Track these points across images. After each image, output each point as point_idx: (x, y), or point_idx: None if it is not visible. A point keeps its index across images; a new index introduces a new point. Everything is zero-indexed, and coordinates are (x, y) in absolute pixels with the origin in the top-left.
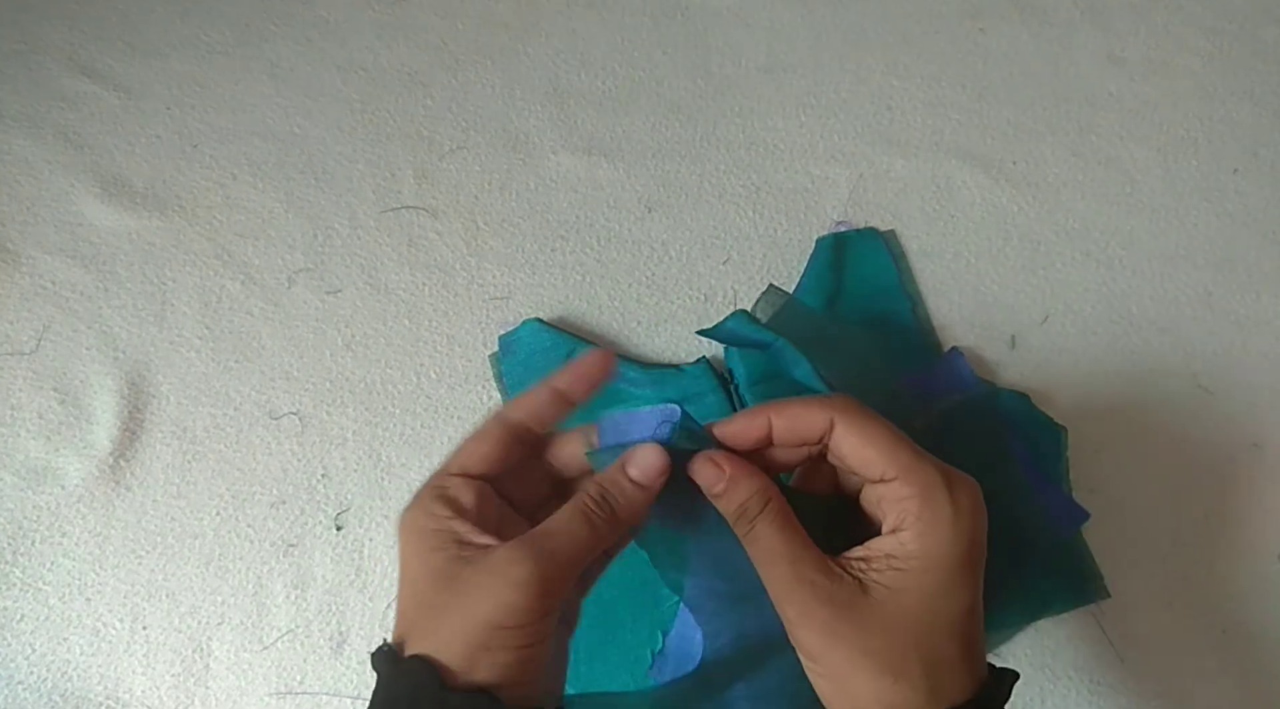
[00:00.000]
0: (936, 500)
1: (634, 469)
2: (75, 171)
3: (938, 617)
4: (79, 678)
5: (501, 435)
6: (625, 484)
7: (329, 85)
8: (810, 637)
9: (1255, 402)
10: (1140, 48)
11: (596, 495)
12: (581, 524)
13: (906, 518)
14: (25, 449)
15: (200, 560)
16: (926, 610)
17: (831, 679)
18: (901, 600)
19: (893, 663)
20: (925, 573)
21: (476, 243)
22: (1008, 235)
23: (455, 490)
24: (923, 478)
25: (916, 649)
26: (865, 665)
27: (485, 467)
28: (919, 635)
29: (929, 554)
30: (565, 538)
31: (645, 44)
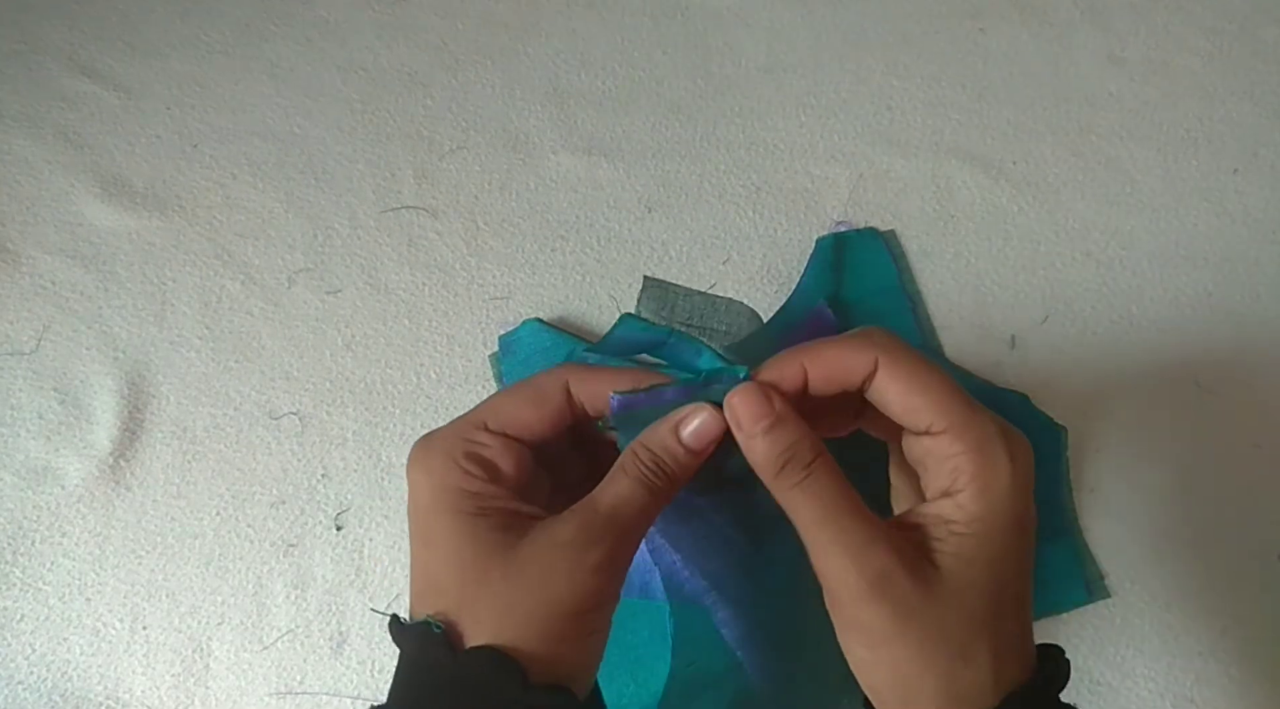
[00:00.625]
0: (994, 457)
1: (687, 432)
2: (75, 171)
3: (1005, 588)
4: (79, 678)
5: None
6: (677, 449)
7: (329, 85)
8: (875, 615)
9: (1255, 402)
10: (1140, 48)
11: (650, 462)
12: (644, 493)
13: (960, 477)
14: (25, 449)
15: (200, 560)
16: (993, 582)
17: (891, 666)
18: (970, 572)
19: (965, 644)
20: (989, 539)
21: (476, 243)
22: (1008, 235)
23: (494, 453)
24: (978, 432)
25: (986, 627)
26: (938, 649)
27: (528, 434)
28: (989, 611)
29: (990, 517)
30: (631, 510)
31: (645, 44)
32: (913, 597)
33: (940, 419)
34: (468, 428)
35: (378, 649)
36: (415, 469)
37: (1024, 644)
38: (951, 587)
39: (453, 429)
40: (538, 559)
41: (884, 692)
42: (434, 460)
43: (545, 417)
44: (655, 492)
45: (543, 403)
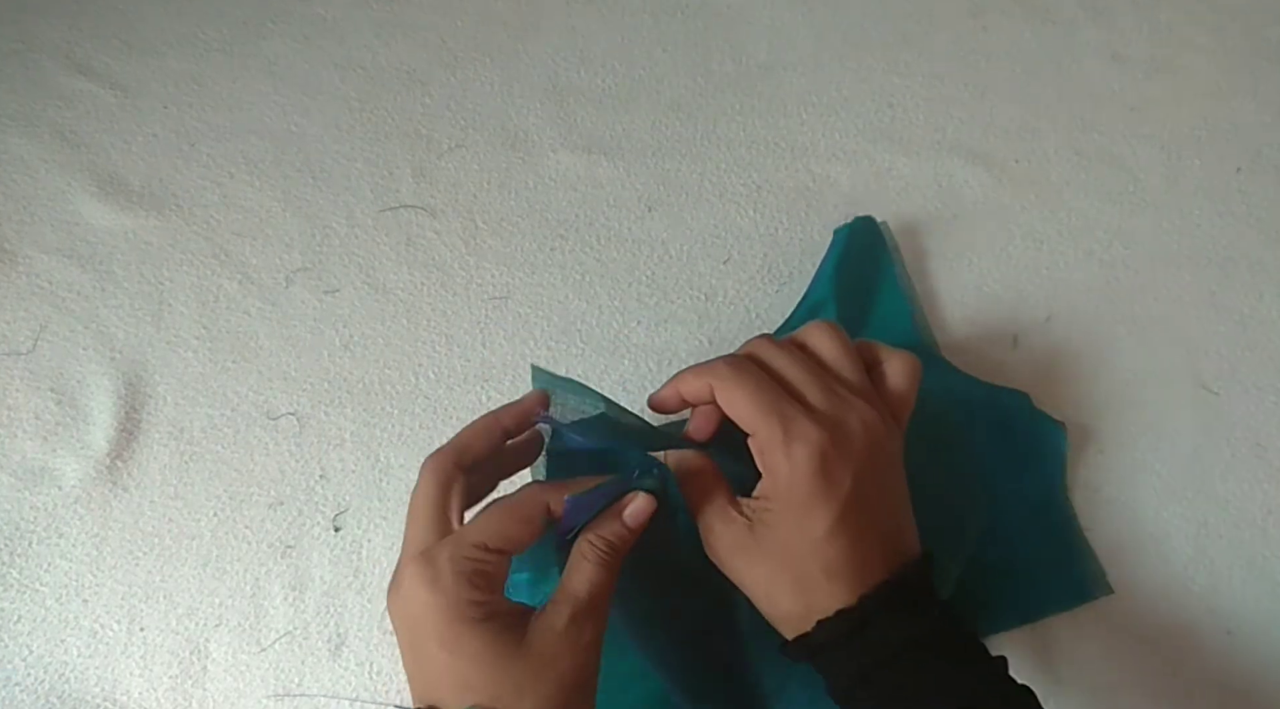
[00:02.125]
0: (775, 456)
1: (627, 514)
2: (72, 170)
3: (796, 545)
4: (76, 680)
5: (541, 525)
6: (623, 530)
7: (327, 83)
8: (723, 569)
9: (1259, 402)
10: (1143, 46)
11: (604, 546)
12: (606, 573)
13: (764, 468)
14: (22, 450)
15: (198, 562)
16: (786, 541)
17: (757, 596)
18: (772, 534)
19: (773, 584)
20: (780, 511)
21: (475, 242)
22: (1010, 234)
23: (493, 568)
24: (766, 435)
25: (786, 572)
26: (757, 588)
27: (513, 549)
28: (786, 561)
29: (777, 496)
30: (601, 590)
31: (645, 42)
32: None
33: (747, 427)
34: (469, 548)
35: (376, 651)
36: (420, 588)
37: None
38: (761, 546)
39: (455, 550)
40: (545, 648)
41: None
42: (444, 579)
43: (533, 532)
44: (611, 568)
45: (531, 521)
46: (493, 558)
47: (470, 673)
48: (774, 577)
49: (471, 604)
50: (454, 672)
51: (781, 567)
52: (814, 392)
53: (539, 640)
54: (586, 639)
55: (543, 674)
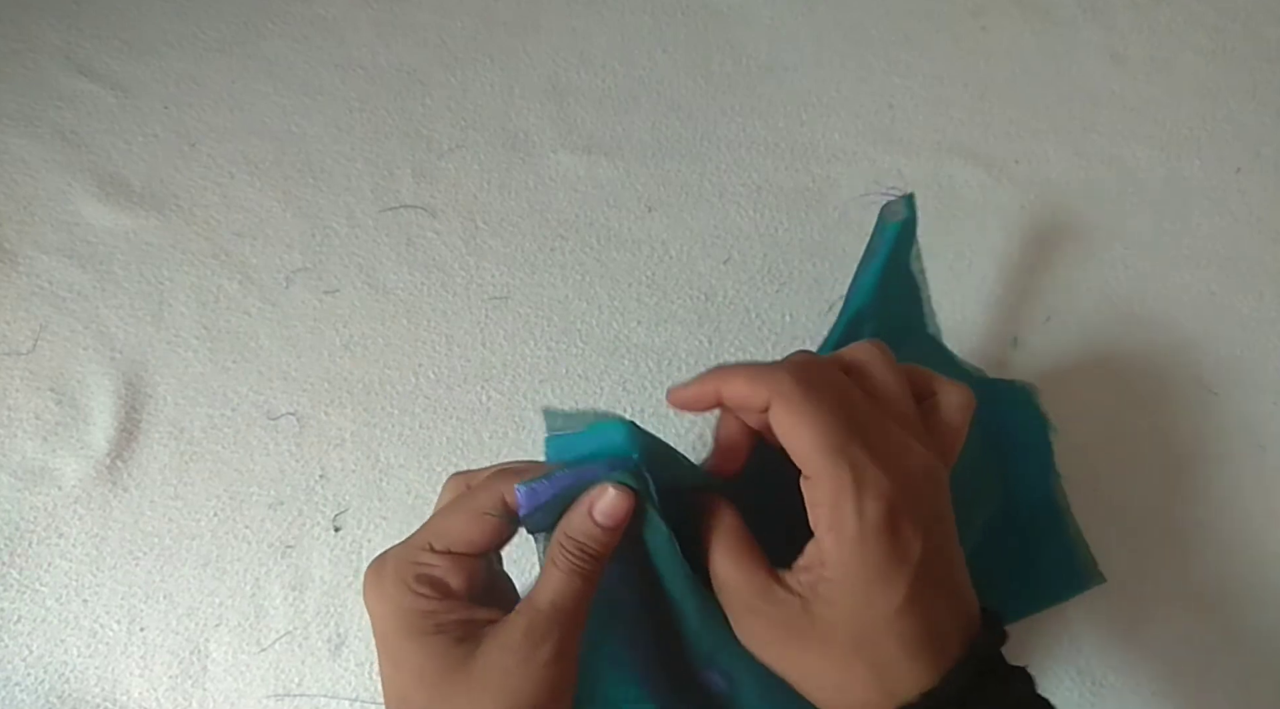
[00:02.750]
0: (842, 511)
1: (598, 511)
2: (72, 170)
3: (867, 622)
4: (76, 680)
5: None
6: (595, 529)
7: (327, 83)
8: (763, 658)
9: (1259, 402)
10: (1143, 46)
11: (575, 549)
12: (577, 579)
13: (820, 525)
14: (22, 450)
15: (198, 562)
16: (853, 618)
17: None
18: (834, 613)
19: (842, 672)
20: (845, 581)
21: (475, 242)
22: (1010, 234)
23: (443, 572)
24: (832, 484)
25: (858, 654)
26: (819, 678)
27: (473, 548)
28: (856, 643)
29: (843, 563)
30: (570, 598)
31: (645, 42)
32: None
33: (809, 464)
34: (414, 551)
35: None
36: (371, 596)
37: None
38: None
39: (401, 553)
40: (493, 665)
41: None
42: (387, 586)
43: (487, 531)
44: (586, 576)
45: (481, 517)
46: (439, 561)
47: (410, 689)
48: (843, 664)
49: (416, 614)
50: (394, 686)
51: (851, 651)
52: (875, 430)
53: (486, 657)
54: (545, 657)
55: (487, 696)
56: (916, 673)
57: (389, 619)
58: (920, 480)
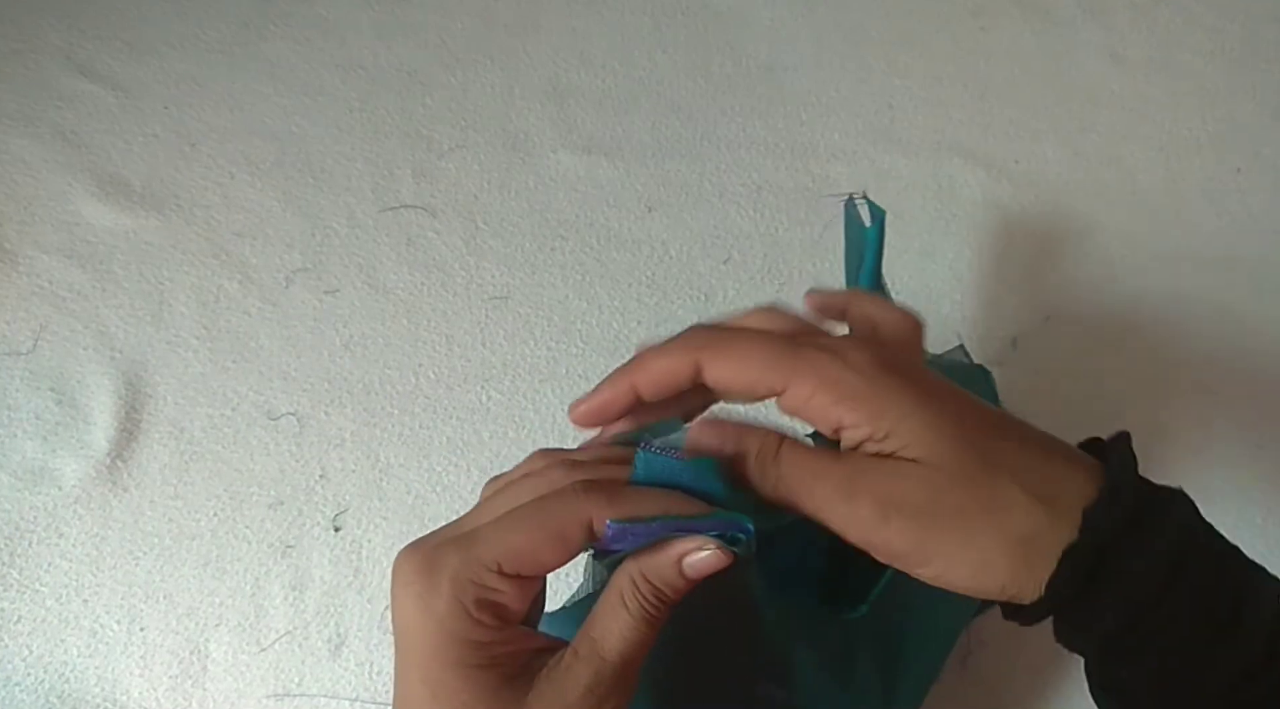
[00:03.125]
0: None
1: (691, 562)
2: (73, 171)
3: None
4: (76, 679)
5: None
6: (679, 581)
7: (327, 84)
8: (898, 533)
9: (1258, 402)
10: (1142, 46)
11: (651, 595)
12: (646, 630)
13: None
14: (22, 450)
15: (198, 562)
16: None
17: (949, 562)
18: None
19: (986, 499)
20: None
21: (475, 242)
22: (1010, 234)
23: (508, 600)
24: (809, 369)
25: (994, 474)
26: (968, 524)
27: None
28: (981, 460)
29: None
30: (636, 652)
31: (645, 43)
32: (913, 500)
33: (773, 379)
34: (479, 570)
35: (376, 651)
36: (410, 607)
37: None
38: (931, 469)
39: (462, 569)
40: None
41: (973, 586)
42: (441, 604)
43: (565, 554)
44: (654, 624)
45: (566, 540)
46: (507, 586)
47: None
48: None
49: (469, 644)
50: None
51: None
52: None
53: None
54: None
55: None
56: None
57: (432, 639)
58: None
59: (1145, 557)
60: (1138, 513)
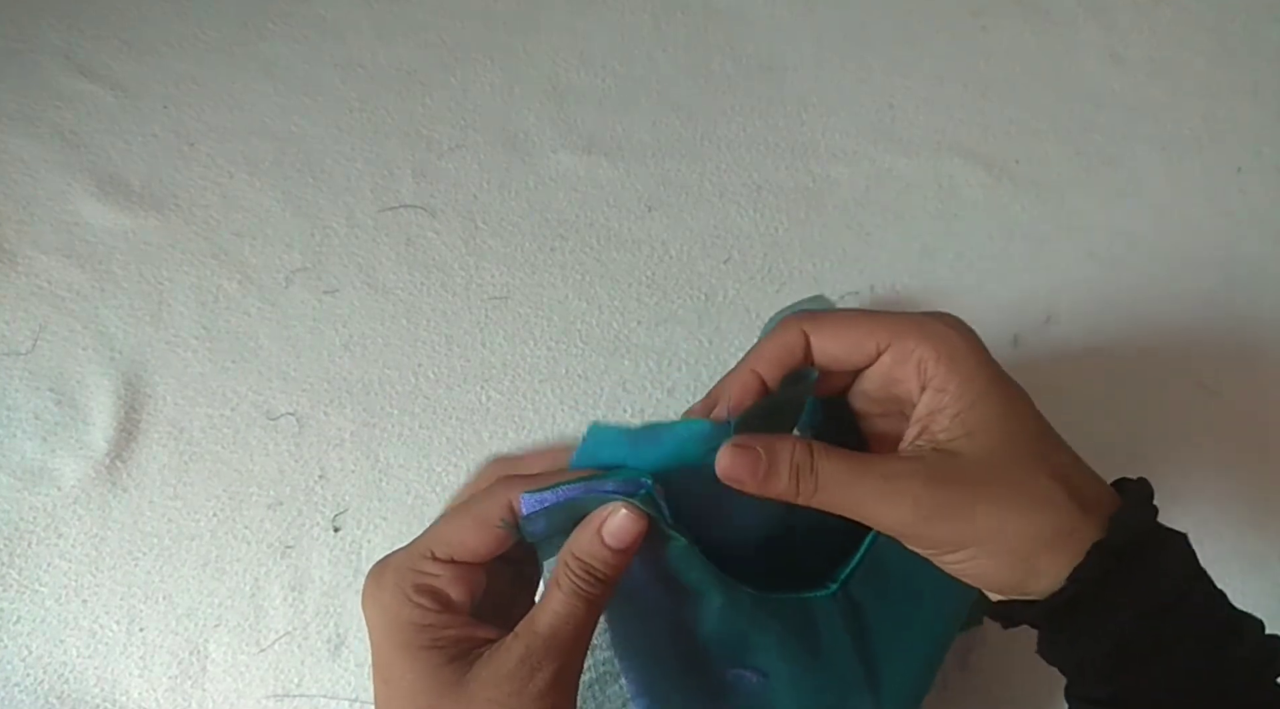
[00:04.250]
0: (938, 333)
1: (609, 533)
2: (71, 170)
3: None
4: (75, 680)
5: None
6: (603, 551)
7: (327, 83)
8: (938, 526)
9: (1260, 402)
10: (1143, 46)
11: (583, 573)
12: (581, 604)
13: (925, 365)
14: (21, 450)
15: (197, 562)
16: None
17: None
18: (987, 437)
19: (1030, 493)
20: (981, 400)
21: (475, 242)
22: (1010, 234)
23: (444, 583)
24: (911, 325)
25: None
26: (1008, 513)
27: (475, 557)
28: (1029, 458)
29: (969, 381)
30: (572, 625)
31: (645, 42)
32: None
33: (879, 336)
34: (415, 558)
35: None
36: (369, 604)
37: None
38: (983, 461)
39: (402, 560)
40: (486, 692)
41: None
42: (385, 595)
43: (490, 540)
44: (590, 600)
45: (487, 524)
46: (441, 571)
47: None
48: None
49: (412, 626)
50: (385, 702)
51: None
52: None
53: (479, 683)
54: (540, 687)
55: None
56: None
57: (383, 630)
58: None
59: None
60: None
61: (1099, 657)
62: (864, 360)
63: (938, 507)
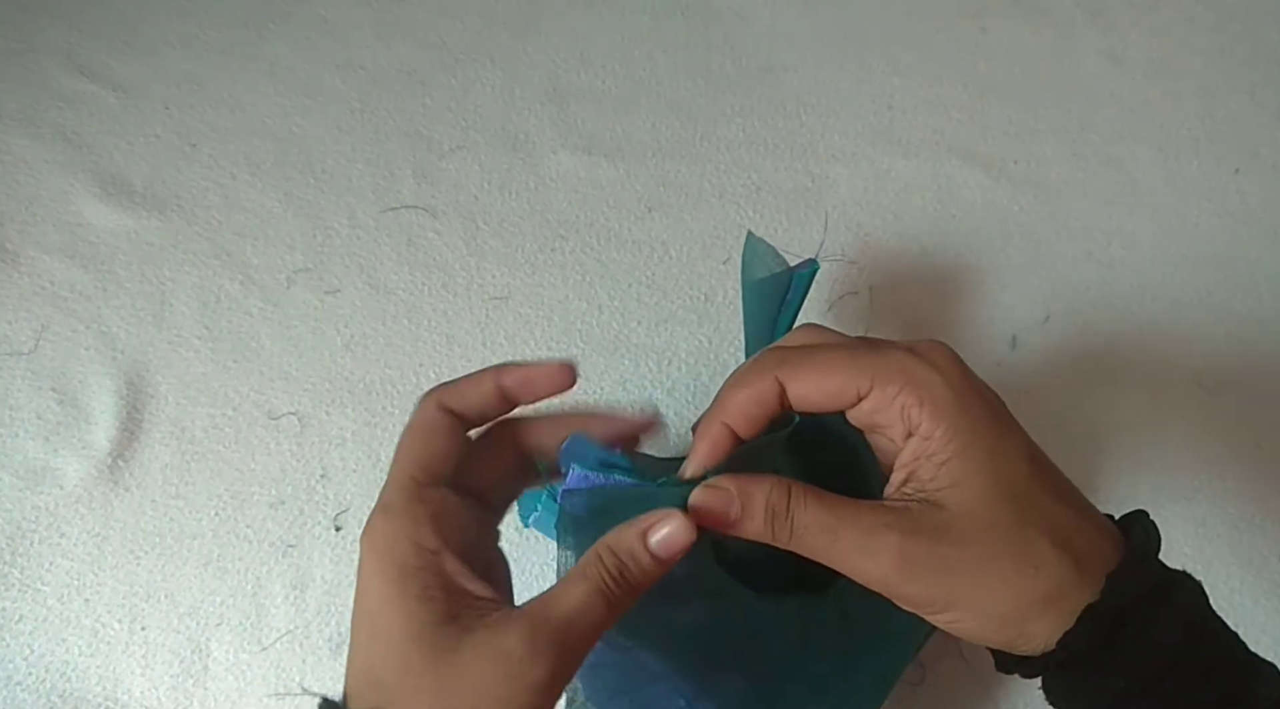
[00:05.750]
0: (922, 377)
1: (656, 540)
2: (74, 171)
3: (1018, 482)
4: (77, 679)
5: (454, 427)
6: (644, 556)
7: (328, 84)
8: (920, 584)
9: (1257, 401)
10: (1141, 47)
11: (615, 571)
12: (601, 605)
13: (909, 411)
14: (24, 449)
15: (199, 561)
16: (1003, 482)
17: (969, 612)
18: (975, 489)
19: (1018, 554)
20: (969, 449)
21: (476, 242)
22: (1009, 235)
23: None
24: (894, 368)
25: (1028, 527)
26: (995, 576)
27: (449, 464)
28: (1019, 512)
29: (955, 426)
30: (584, 622)
31: (645, 43)
32: (938, 550)
33: (859, 382)
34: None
35: None
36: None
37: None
38: (970, 515)
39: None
40: (477, 668)
41: (987, 636)
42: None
43: (447, 444)
44: (613, 603)
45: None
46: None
47: (383, 664)
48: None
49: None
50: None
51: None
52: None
53: (474, 655)
54: (535, 678)
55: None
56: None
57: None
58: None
59: (1163, 627)
60: (1158, 585)
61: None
62: (844, 405)
63: (919, 564)
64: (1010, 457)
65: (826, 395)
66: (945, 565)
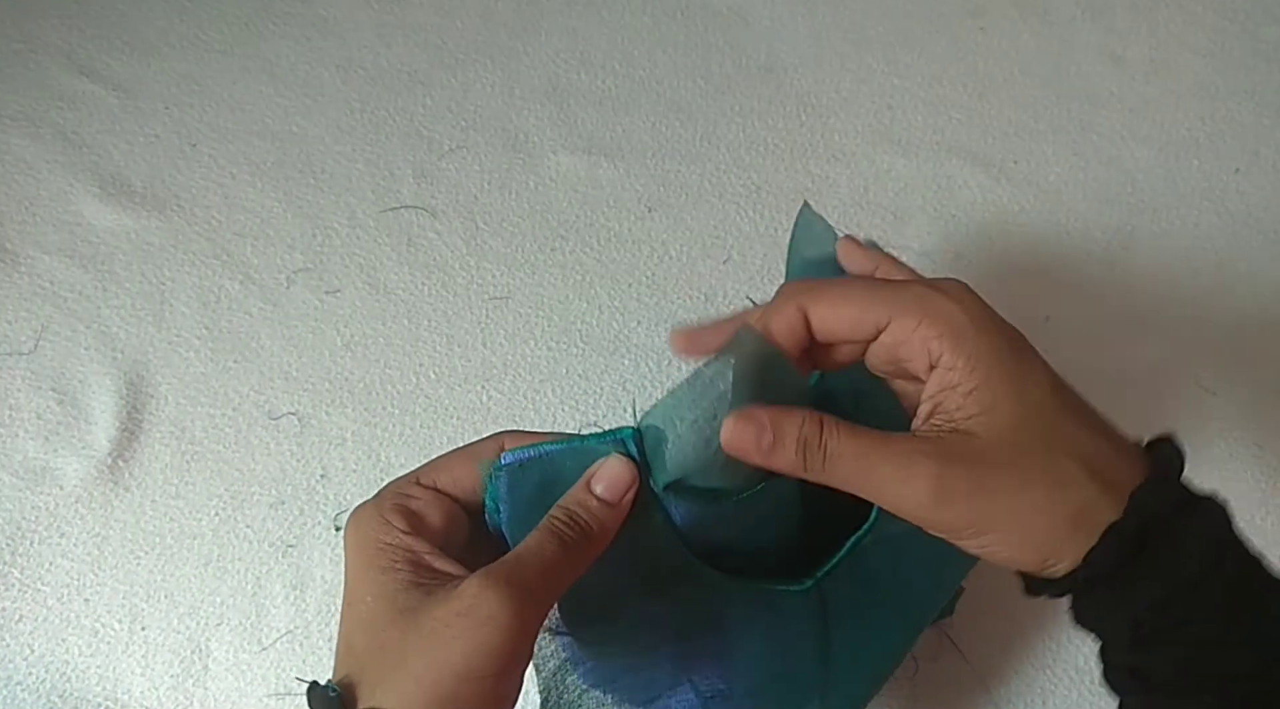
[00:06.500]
0: (941, 308)
1: (599, 485)
2: (74, 171)
3: (1043, 407)
4: (77, 679)
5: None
6: (592, 502)
7: (328, 84)
8: (956, 510)
9: (1257, 402)
10: (1141, 47)
11: (564, 516)
12: (555, 547)
13: (930, 344)
14: (23, 449)
15: (199, 561)
16: (1029, 407)
17: (1004, 535)
18: (1002, 416)
19: (1049, 477)
20: (992, 376)
21: (476, 242)
22: (1008, 235)
23: (421, 505)
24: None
25: (1055, 450)
26: (1029, 497)
27: (458, 490)
28: (1046, 435)
29: (977, 356)
30: (539, 565)
31: (645, 43)
32: (974, 475)
33: (877, 313)
34: (403, 484)
35: None
36: (349, 524)
37: (1113, 441)
38: (1000, 440)
39: (390, 486)
40: (435, 617)
41: (1020, 559)
42: (361, 515)
43: (474, 472)
44: (566, 542)
45: (472, 458)
46: (420, 493)
47: (354, 634)
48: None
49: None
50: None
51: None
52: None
53: (434, 608)
54: (493, 612)
55: (423, 650)
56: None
57: (354, 550)
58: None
59: (1187, 542)
60: (1181, 503)
61: (1124, 630)
62: (865, 336)
63: (953, 489)
64: (1033, 382)
65: (847, 324)
66: (981, 490)
